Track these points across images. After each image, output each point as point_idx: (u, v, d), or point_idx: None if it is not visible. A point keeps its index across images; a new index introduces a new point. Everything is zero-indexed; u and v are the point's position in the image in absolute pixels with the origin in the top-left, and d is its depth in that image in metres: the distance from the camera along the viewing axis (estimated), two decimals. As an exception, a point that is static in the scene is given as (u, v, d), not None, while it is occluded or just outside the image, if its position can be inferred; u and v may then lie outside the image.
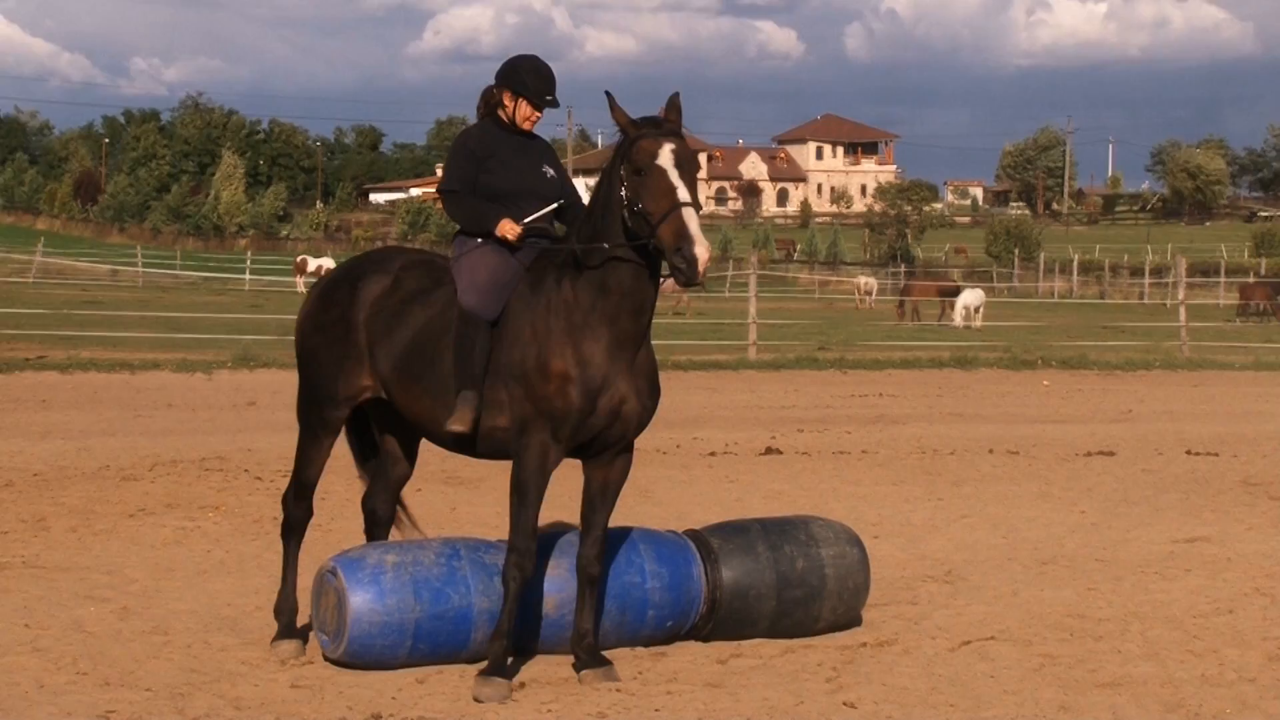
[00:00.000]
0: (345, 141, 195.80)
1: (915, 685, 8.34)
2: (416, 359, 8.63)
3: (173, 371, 26.50)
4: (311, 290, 9.35)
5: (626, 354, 8.27)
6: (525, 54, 8.93)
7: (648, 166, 8.02)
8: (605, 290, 8.20)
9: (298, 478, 9.21)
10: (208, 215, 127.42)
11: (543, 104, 8.81)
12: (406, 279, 8.84)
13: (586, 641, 8.53)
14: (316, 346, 8.98)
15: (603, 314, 8.20)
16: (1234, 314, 58.28)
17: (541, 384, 8.19)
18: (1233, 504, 14.45)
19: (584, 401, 8.20)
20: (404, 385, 8.69)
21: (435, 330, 8.60)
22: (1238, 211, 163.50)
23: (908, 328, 48.47)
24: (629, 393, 8.31)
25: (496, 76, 8.89)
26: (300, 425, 9.16)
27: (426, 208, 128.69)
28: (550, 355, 8.20)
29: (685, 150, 8.13)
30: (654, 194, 7.98)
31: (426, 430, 8.77)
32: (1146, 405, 24.37)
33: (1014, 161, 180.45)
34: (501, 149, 8.76)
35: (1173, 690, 8.31)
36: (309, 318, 9.10)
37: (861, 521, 12.32)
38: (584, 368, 8.19)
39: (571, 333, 8.22)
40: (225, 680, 8.28)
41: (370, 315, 8.78)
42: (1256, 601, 10.44)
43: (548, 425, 8.21)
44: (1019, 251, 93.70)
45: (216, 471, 15.39)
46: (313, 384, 9.03)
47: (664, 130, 8.14)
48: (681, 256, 7.83)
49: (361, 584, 8.37)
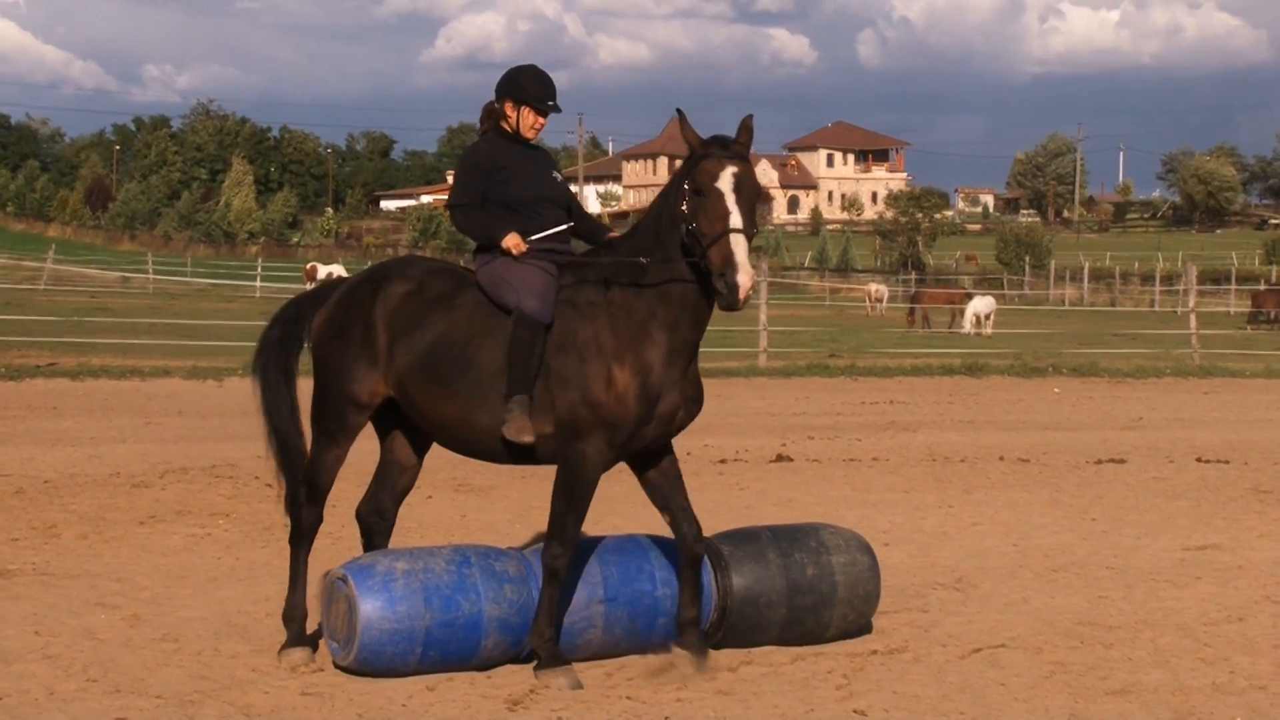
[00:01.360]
0: (356, 148, 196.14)
1: (926, 693, 8.33)
2: (444, 362, 8.66)
3: (183, 378, 26.55)
4: (329, 294, 9.33)
5: (682, 362, 8.44)
6: (523, 64, 9.05)
7: (707, 188, 8.17)
8: (668, 300, 8.35)
9: (311, 483, 9.20)
10: (218, 222, 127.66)
11: (546, 109, 8.92)
12: (430, 283, 8.90)
13: (690, 624, 8.65)
14: (335, 350, 9.01)
15: (663, 322, 8.36)
16: (1245, 321, 58.21)
17: (602, 391, 8.30)
18: (1243, 511, 14.43)
19: (643, 409, 8.35)
20: (429, 388, 8.70)
21: (465, 333, 8.66)
22: (1248, 219, 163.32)
23: (918, 335, 48.45)
24: (681, 401, 8.49)
25: (497, 89, 8.99)
26: (316, 429, 9.17)
27: (437, 215, 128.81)
28: (611, 362, 8.33)
29: (747, 174, 8.26)
30: (709, 216, 8.13)
31: (455, 433, 8.77)
32: (1157, 413, 24.35)
33: (1024, 169, 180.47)
34: (510, 160, 8.85)
35: (1183, 698, 8.29)
36: (328, 322, 9.10)
37: (872, 529, 12.32)
38: (645, 375, 8.34)
39: (631, 340, 8.36)
40: (236, 688, 8.28)
41: (391, 318, 8.82)
42: (1267, 609, 10.43)
43: (605, 432, 8.33)
44: (1030, 259, 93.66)
45: (227, 479, 15.41)
46: (331, 387, 9.05)
47: (730, 153, 8.28)
48: (725, 282, 7.99)
49: (372, 591, 8.37)
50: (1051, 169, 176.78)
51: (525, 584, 8.65)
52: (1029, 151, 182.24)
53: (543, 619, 8.47)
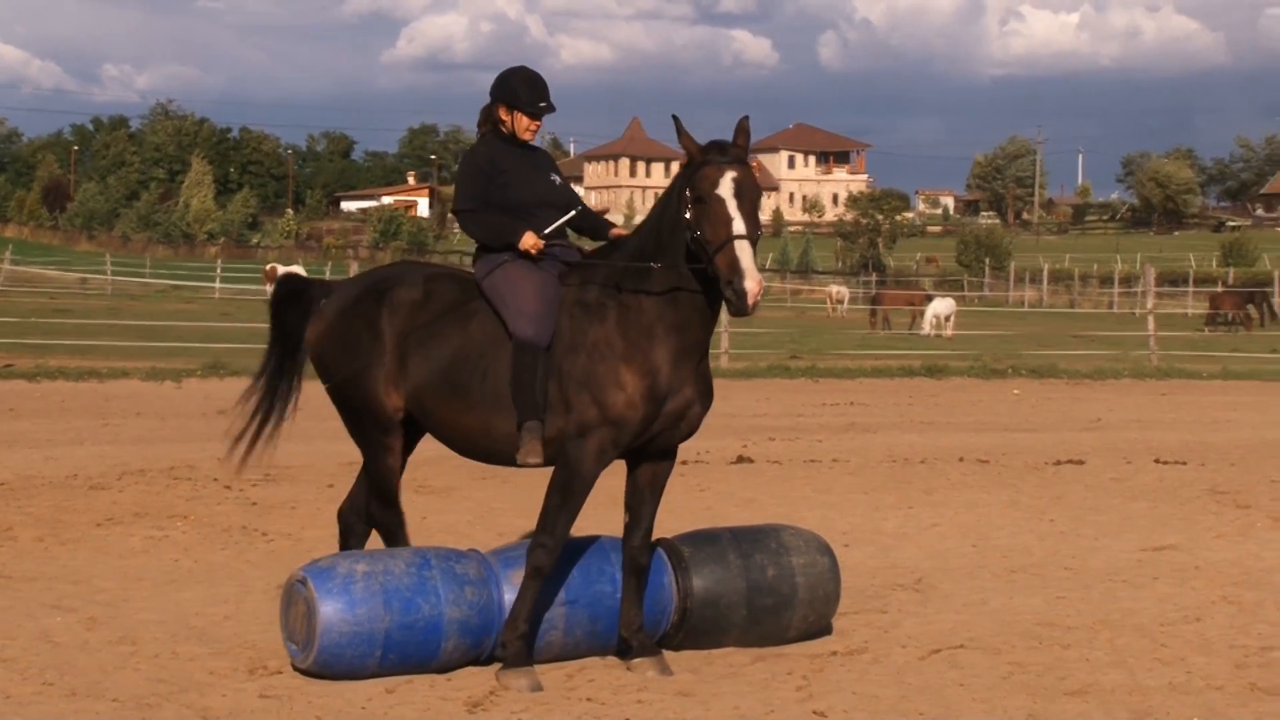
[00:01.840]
0: (317, 149, 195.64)
1: (885, 693, 8.35)
2: (462, 373, 8.69)
3: (142, 380, 26.43)
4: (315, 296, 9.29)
5: (691, 362, 8.51)
6: (515, 66, 9.10)
7: (708, 195, 8.19)
8: (674, 303, 8.41)
9: (380, 492, 9.19)
10: (177, 223, 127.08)
11: (538, 112, 8.95)
12: (438, 291, 8.92)
13: (636, 629, 8.73)
14: (344, 365, 8.97)
15: (671, 324, 8.42)
16: (1202, 323, 58.52)
17: (611, 392, 8.35)
18: (1201, 512, 14.50)
19: (651, 409, 8.40)
20: (447, 399, 8.73)
21: (480, 342, 8.69)
22: (1206, 221, 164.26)
23: (879, 336, 48.55)
24: (694, 397, 8.56)
25: (491, 92, 9.02)
26: (360, 442, 9.17)
27: (398, 215, 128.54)
28: (620, 364, 8.38)
29: (748, 179, 8.27)
30: (712, 222, 8.15)
31: (475, 442, 8.81)
32: (1115, 414, 24.45)
33: (984, 171, 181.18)
34: (509, 163, 8.90)
35: (1141, 698, 8.33)
36: (329, 335, 9.07)
37: (832, 530, 12.34)
38: (654, 376, 8.39)
39: (640, 341, 8.41)
40: (193, 691, 8.24)
41: (403, 327, 8.82)
42: (1224, 609, 10.48)
43: (611, 431, 8.38)
44: (989, 261, 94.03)
45: (186, 480, 15.34)
46: (357, 402, 9.00)
47: (729, 158, 8.29)
48: (733, 289, 8.03)
49: (331, 594, 8.34)
50: (1011, 171, 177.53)
51: (486, 586, 8.64)
52: (988, 154, 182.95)
53: (521, 613, 8.48)
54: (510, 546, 9.13)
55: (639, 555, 8.78)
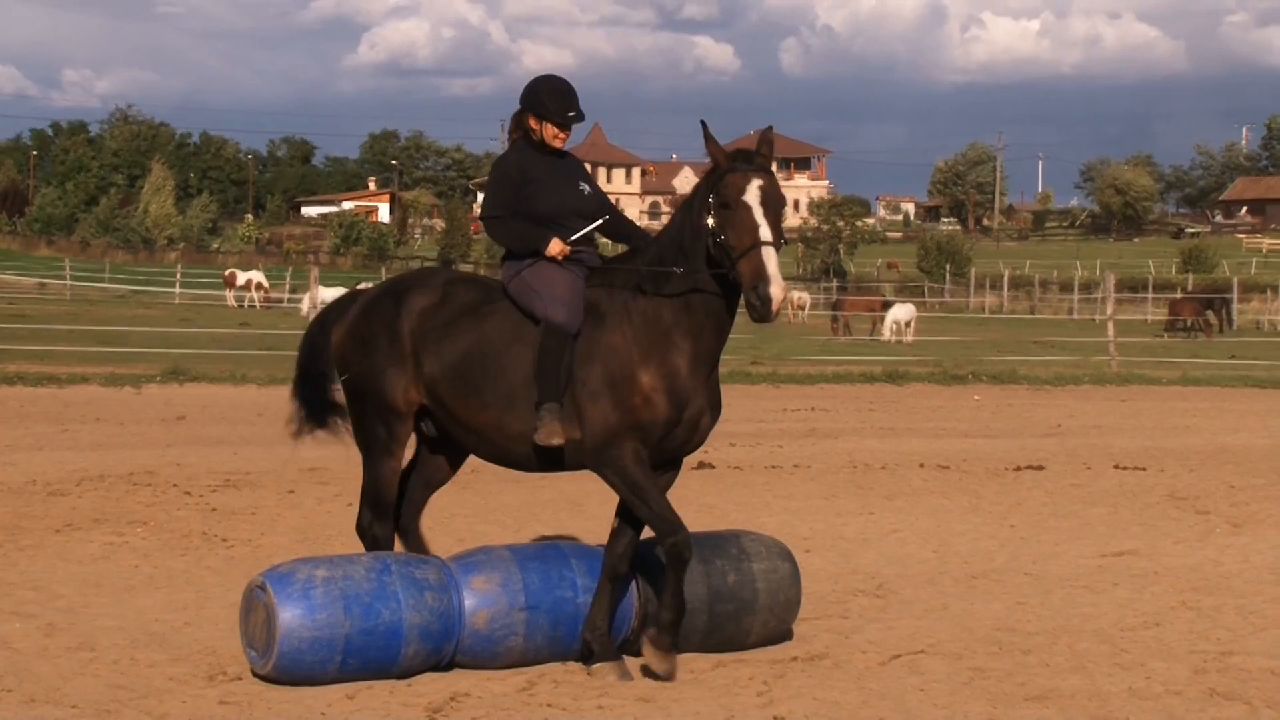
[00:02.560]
0: (278, 154, 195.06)
1: (846, 699, 8.36)
2: (476, 370, 8.78)
3: (101, 385, 26.30)
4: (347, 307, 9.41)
5: (705, 369, 8.62)
6: (543, 75, 9.18)
7: (734, 201, 8.28)
8: (690, 308, 8.50)
9: (375, 501, 9.20)
10: (137, 228, 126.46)
11: (567, 122, 9.02)
12: (455, 293, 9.03)
13: (601, 635, 8.79)
14: (362, 362, 9.08)
15: (686, 330, 8.51)
16: (1162, 329, 58.81)
17: (631, 395, 8.44)
18: (1160, 518, 14.57)
19: (672, 411, 8.52)
20: (462, 396, 8.82)
21: (495, 342, 8.79)
22: (1165, 228, 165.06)
23: (840, 342, 48.65)
24: (705, 406, 8.68)
25: (520, 100, 9.10)
26: (364, 447, 9.19)
27: (359, 221, 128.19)
28: (638, 367, 8.47)
29: (772, 187, 8.36)
30: (737, 229, 8.23)
31: (488, 441, 8.87)
32: (1075, 420, 24.54)
33: (945, 177, 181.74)
34: (538, 171, 8.97)
35: (1100, 703, 8.35)
36: (350, 336, 9.19)
37: (793, 536, 12.35)
38: (672, 379, 8.48)
39: (657, 346, 8.50)
40: (153, 697, 8.20)
41: (418, 326, 8.93)
42: (1183, 614, 10.53)
43: (637, 434, 8.48)
44: (950, 267, 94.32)
45: (145, 486, 15.27)
46: (367, 399, 9.09)
47: (754, 166, 8.39)
48: (757, 295, 8.11)
49: (291, 599, 8.31)
50: (972, 177, 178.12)
51: (446, 592, 8.62)
52: (949, 160, 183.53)
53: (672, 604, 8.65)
54: (470, 552, 9.11)
55: (619, 564, 8.84)
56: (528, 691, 8.44)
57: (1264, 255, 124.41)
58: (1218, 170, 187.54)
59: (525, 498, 14.70)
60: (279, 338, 39.98)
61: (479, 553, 9.03)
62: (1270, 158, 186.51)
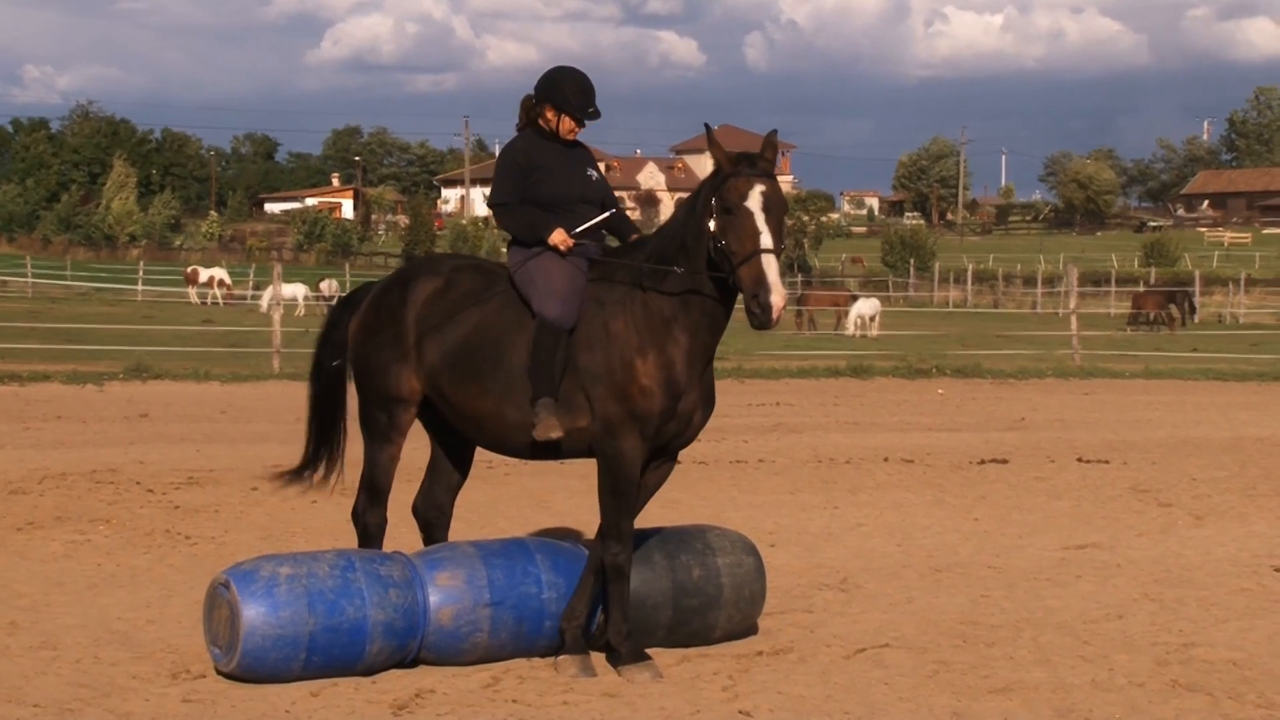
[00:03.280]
0: (241, 151, 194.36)
1: (811, 693, 8.37)
2: (476, 358, 8.86)
3: (63, 383, 26.17)
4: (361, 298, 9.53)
5: (699, 365, 8.67)
6: (564, 66, 9.22)
7: (736, 206, 8.31)
8: (687, 306, 8.57)
9: (370, 486, 9.31)
10: (98, 225, 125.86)
11: (586, 118, 9.09)
12: (459, 280, 9.10)
13: (577, 626, 8.86)
14: (370, 351, 9.18)
15: (684, 326, 8.58)
16: (1125, 323, 59.02)
17: (629, 385, 8.50)
18: (1123, 510, 14.63)
19: (669, 402, 8.56)
20: (461, 383, 8.91)
21: (496, 329, 8.86)
22: (1128, 221, 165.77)
23: (805, 337, 48.71)
24: (699, 401, 8.73)
25: (536, 89, 9.13)
26: (366, 432, 9.29)
27: (322, 217, 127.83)
28: (636, 358, 8.53)
29: (775, 193, 8.40)
30: (738, 235, 8.27)
31: (488, 428, 8.95)
32: (1039, 413, 24.62)
33: (908, 172, 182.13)
34: (547, 159, 9.03)
35: (1064, 695, 8.39)
36: (361, 326, 9.29)
37: (758, 530, 12.37)
38: (669, 370, 8.54)
39: (655, 339, 8.56)
40: (116, 695, 8.17)
41: (421, 315, 9.01)
42: (1146, 607, 10.57)
43: (636, 426, 8.53)
44: (914, 261, 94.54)
45: (108, 484, 15.21)
46: (373, 388, 9.19)
47: (757, 171, 8.42)
48: (758, 302, 8.19)
49: (255, 596, 8.29)
50: (935, 172, 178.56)
51: (410, 589, 8.61)
52: (913, 154, 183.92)
53: (617, 617, 8.72)
54: (435, 548, 9.10)
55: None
56: (493, 687, 8.43)
57: (1225, 249, 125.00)
58: (1179, 164, 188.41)
59: (491, 494, 14.69)
60: (242, 335, 39.88)
61: (444, 549, 9.02)
62: (1231, 151, 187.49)
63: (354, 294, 9.78)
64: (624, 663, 8.68)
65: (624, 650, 8.72)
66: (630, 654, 8.70)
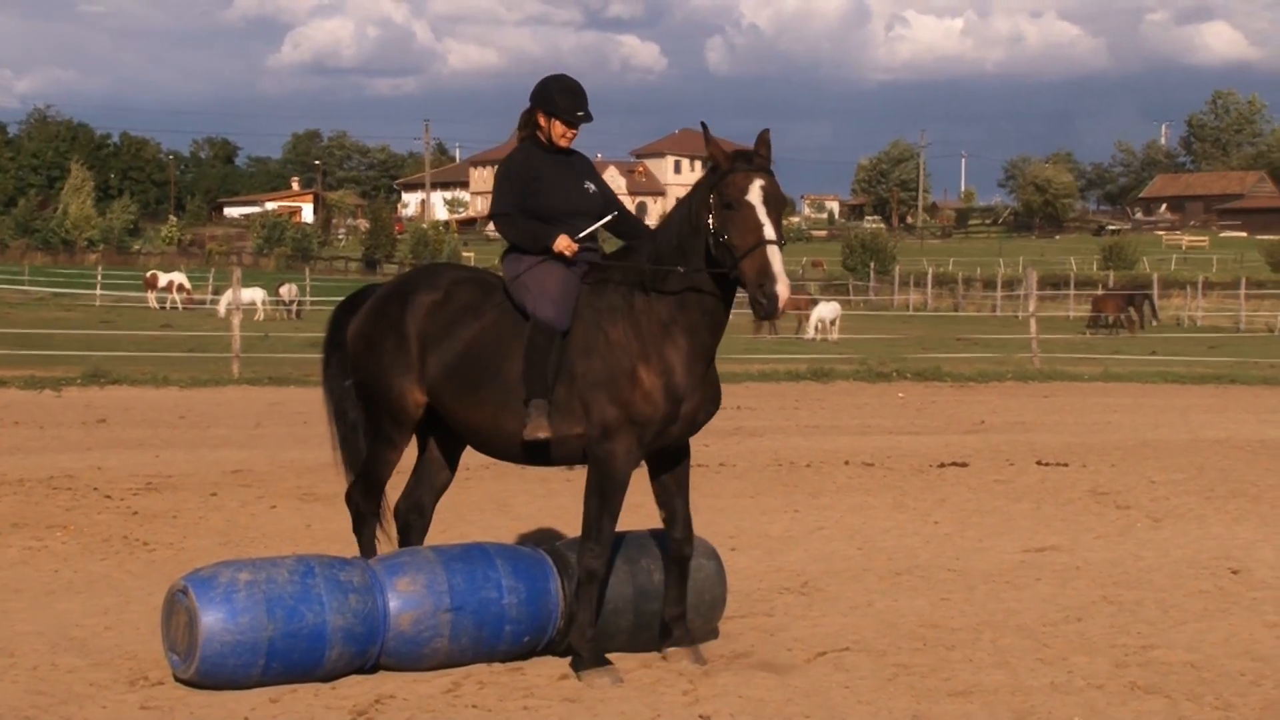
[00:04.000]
0: (200, 155, 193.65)
1: (771, 696, 8.37)
2: (474, 368, 8.92)
3: (20, 389, 26.03)
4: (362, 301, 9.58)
5: (701, 365, 8.74)
6: (556, 74, 9.23)
7: (737, 201, 8.38)
8: (685, 306, 8.62)
9: (368, 476, 9.47)
10: (56, 229, 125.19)
11: (576, 121, 9.12)
12: (458, 292, 9.16)
13: (680, 619, 9.06)
14: (371, 362, 9.24)
15: (682, 327, 8.64)
16: (1084, 326, 59.26)
17: (630, 390, 8.56)
18: (1082, 513, 14.68)
19: (670, 406, 8.64)
20: (460, 394, 8.97)
21: (493, 340, 8.92)
22: (1087, 225, 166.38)
23: (765, 340, 48.75)
24: (702, 401, 8.82)
25: (530, 98, 9.19)
26: (370, 430, 9.43)
27: (282, 221, 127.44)
28: (637, 363, 8.59)
29: (774, 187, 8.49)
30: (741, 229, 8.34)
31: (485, 438, 9.05)
32: (999, 416, 24.70)
33: (869, 176, 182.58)
34: (544, 170, 9.07)
35: (1023, 698, 8.41)
36: (360, 335, 9.35)
37: (719, 534, 12.37)
38: (669, 375, 8.61)
39: (654, 342, 8.62)
40: (73, 702, 8.13)
41: (422, 327, 9.06)
42: (1105, 609, 10.61)
43: (634, 430, 8.60)
44: (874, 265, 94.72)
45: (65, 490, 15.12)
46: (377, 397, 9.27)
47: (755, 166, 8.50)
48: (764, 293, 8.23)
49: (213, 603, 8.25)
50: (895, 175, 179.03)
51: (370, 594, 8.58)
52: (873, 158, 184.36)
53: (584, 618, 8.75)
54: (395, 554, 9.08)
55: (683, 547, 9.08)
56: (453, 693, 8.41)
57: (1183, 252, 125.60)
58: (1138, 167, 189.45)
59: (452, 499, 14.63)
60: (201, 339, 39.73)
61: (404, 554, 9.00)
62: (1189, 155, 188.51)
63: (355, 296, 9.80)
64: (585, 667, 8.68)
65: (586, 654, 8.72)
66: (592, 658, 8.71)
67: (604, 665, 8.69)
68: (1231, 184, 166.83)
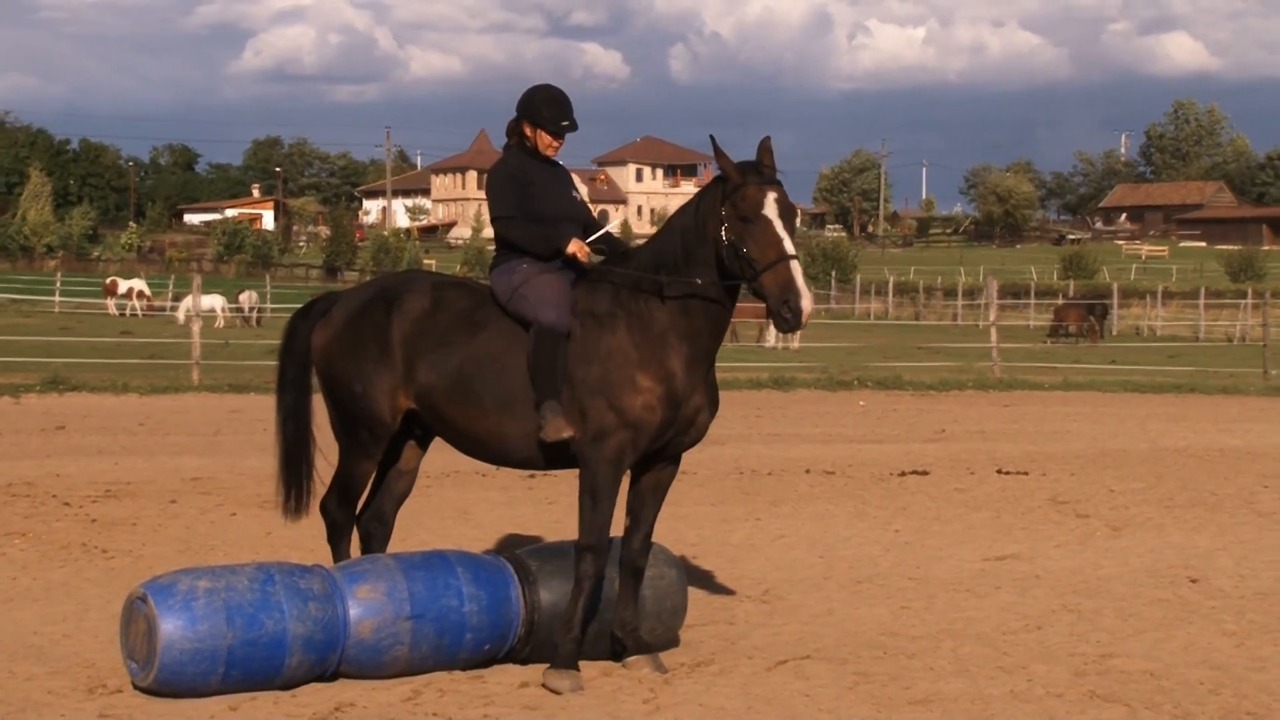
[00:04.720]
0: (160, 161, 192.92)
1: (732, 705, 8.38)
2: (475, 378, 8.88)
3: (-21, 395, 25.87)
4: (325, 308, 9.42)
5: (701, 369, 8.79)
6: (541, 84, 9.30)
7: (754, 215, 8.46)
8: (688, 312, 8.68)
9: (343, 487, 9.40)
10: (15, 236, 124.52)
11: (560, 131, 9.19)
12: (446, 298, 9.10)
13: (632, 629, 9.02)
14: (350, 369, 9.12)
15: (683, 332, 8.69)
16: (1045, 335, 59.46)
17: (628, 396, 8.59)
18: (1042, 522, 14.72)
19: (668, 413, 8.67)
20: (460, 404, 8.93)
21: (492, 349, 8.89)
22: (1047, 234, 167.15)
23: (727, 349, 48.79)
24: (703, 404, 8.84)
25: (517, 108, 9.22)
26: (344, 443, 9.30)
27: (242, 228, 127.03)
28: (636, 370, 8.62)
29: (786, 200, 8.60)
30: (761, 243, 8.43)
31: (486, 446, 9.04)
32: (959, 425, 24.76)
33: (830, 184, 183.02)
34: (536, 176, 9.13)
35: (983, 706, 8.43)
36: (336, 340, 9.21)
37: (680, 542, 12.38)
38: (669, 381, 8.64)
39: (654, 348, 8.66)
40: (31, 710, 8.09)
41: (411, 334, 8.99)
42: (1064, 618, 10.64)
43: (630, 434, 8.63)
44: (836, 273, 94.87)
45: (23, 497, 15.04)
46: (354, 407, 9.15)
47: (766, 179, 8.57)
48: (788, 307, 8.34)
49: (172, 610, 8.22)
50: (857, 184, 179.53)
51: (330, 602, 8.56)
52: (834, 167, 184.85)
53: (574, 618, 8.76)
54: (355, 561, 9.06)
55: (638, 558, 9.08)
56: (413, 701, 8.40)
57: (1143, 261, 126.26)
58: (1098, 177, 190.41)
59: (412, 507, 14.58)
60: (161, 346, 39.57)
61: (364, 561, 8.99)
62: (1149, 165, 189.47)
63: (313, 304, 9.66)
64: (557, 665, 8.67)
65: (564, 653, 8.69)
66: (567, 659, 8.69)
67: (572, 670, 8.68)
68: (1191, 194, 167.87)
